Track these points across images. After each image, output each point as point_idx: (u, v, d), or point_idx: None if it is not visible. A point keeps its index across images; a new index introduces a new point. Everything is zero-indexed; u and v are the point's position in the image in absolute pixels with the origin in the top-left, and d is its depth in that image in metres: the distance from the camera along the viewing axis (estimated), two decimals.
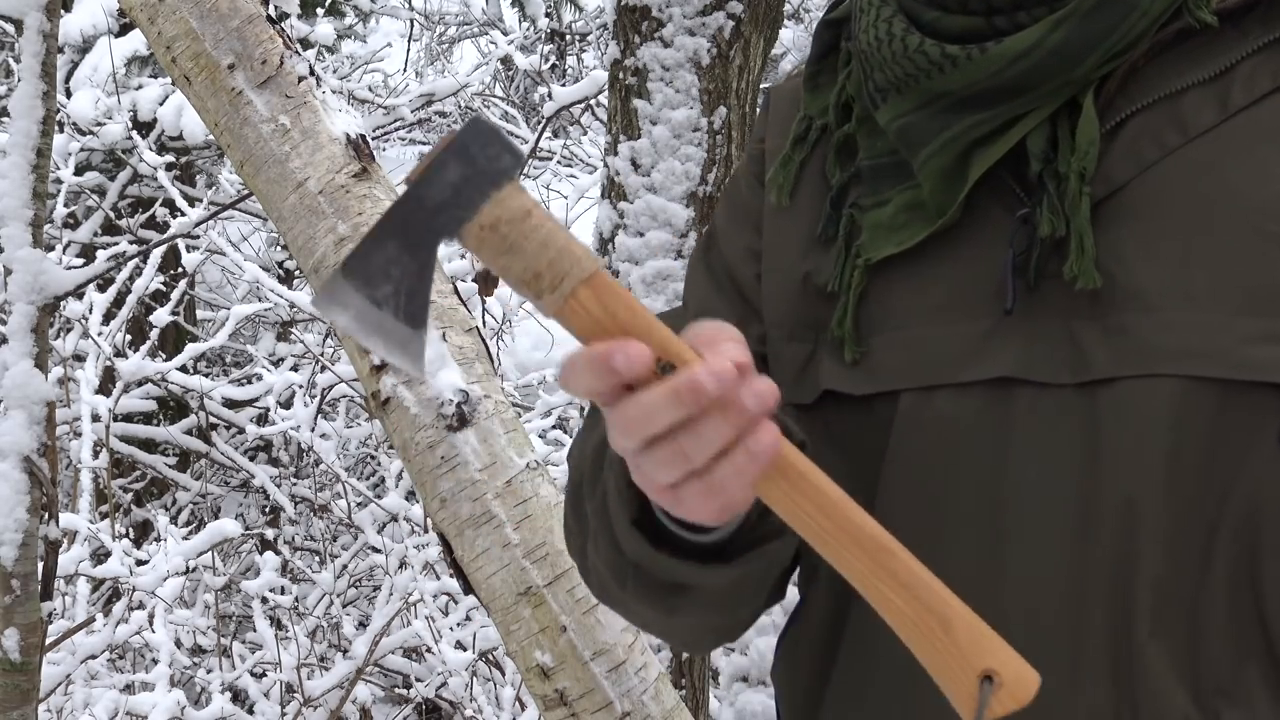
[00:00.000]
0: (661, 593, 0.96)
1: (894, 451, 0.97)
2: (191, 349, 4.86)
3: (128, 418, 5.61)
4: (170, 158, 5.51)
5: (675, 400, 0.76)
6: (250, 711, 4.12)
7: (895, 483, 0.97)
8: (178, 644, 4.23)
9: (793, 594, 1.14)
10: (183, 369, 5.16)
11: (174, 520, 5.53)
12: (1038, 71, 0.94)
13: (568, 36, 10.05)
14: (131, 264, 4.94)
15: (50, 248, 5.21)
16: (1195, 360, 0.89)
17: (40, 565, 2.53)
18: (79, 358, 4.78)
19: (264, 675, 4.28)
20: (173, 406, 5.99)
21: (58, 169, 5.20)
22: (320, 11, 6.39)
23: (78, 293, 3.55)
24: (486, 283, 2.98)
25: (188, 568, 3.95)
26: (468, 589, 1.93)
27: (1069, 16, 0.94)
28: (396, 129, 6.68)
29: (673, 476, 0.79)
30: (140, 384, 5.22)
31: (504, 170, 0.77)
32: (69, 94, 5.73)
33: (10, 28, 5.89)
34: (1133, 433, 0.90)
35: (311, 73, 2.05)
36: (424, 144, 9.90)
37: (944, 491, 0.95)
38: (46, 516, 2.54)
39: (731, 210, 1.14)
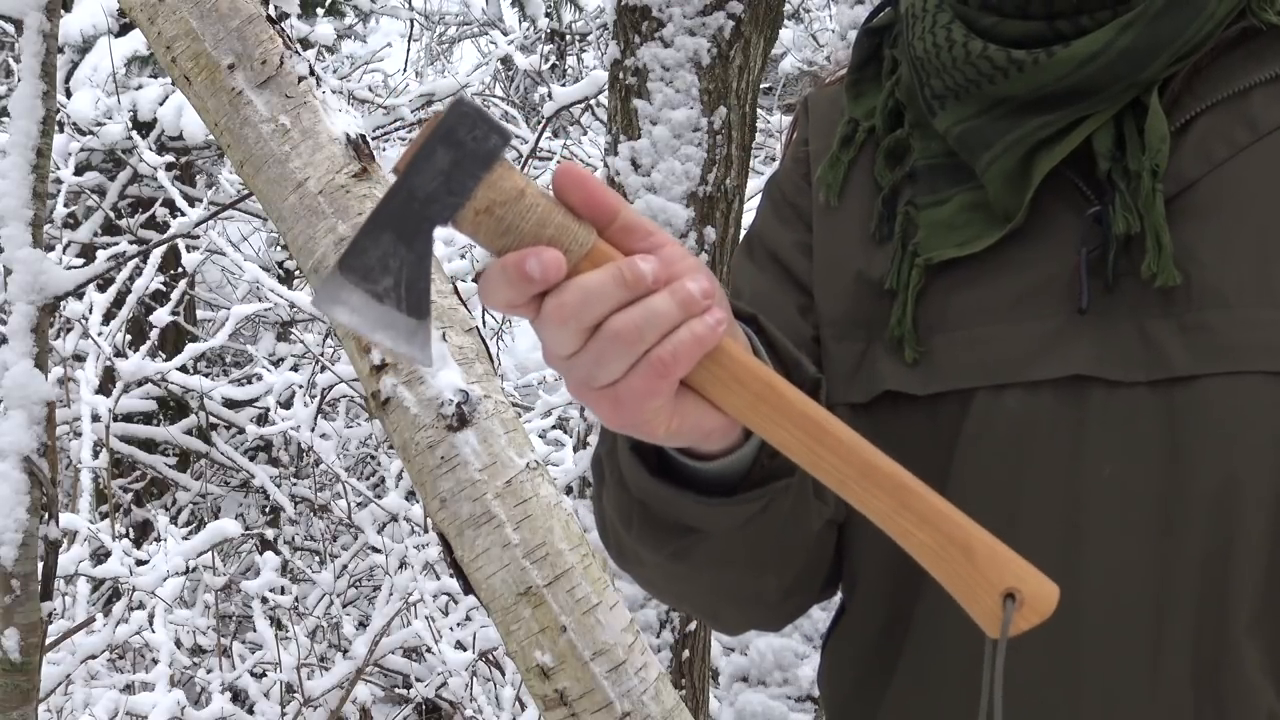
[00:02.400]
0: (666, 534, 0.94)
1: (963, 450, 0.97)
2: (191, 349, 4.86)
3: (128, 418, 5.61)
4: (170, 158, 5.52)
5: (619, 279, 0.76)
6: (250, 711, 4.12)
7: (965, 482, 0.97)
8: (178, 644, 4.23)
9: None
10: (183, 369, 5.16)
11: (174, 520, 5.53)
12: (1105, 74, 0.94)
13: (568, 36, 10.06)
14: (131, 264, 4.94)
15: (50, 248, 5.21)
16: (1278, 356, 0.90)
17: (40, 565, 2.53)
18: (79, 358, 4.78)
19: (264, 675, 4.28)
20: (173, 406, 5.99)
21: (58, 169, 5.20)
22: (320, 11, 6.39)
23: (78, 293, 3.54)
24: None
25: (188, 568, 3.96)
26: (468, 589, 1.93)
27: (1137, 20, 0.94)
28: (396, 129, 6.67)
29: (617, 365, 0.77)
30: (140, 384, 5.22)
31: (493, 151, 0.76)
32: (69, 94, 5.73)
33: (10, 28, 5.88)
34: (1217, 430, 0.91)
35: (311, 73, 2.05)
36: None
37: (1017, 490, 0.95)
38: (46, 516, 2.54)
39: (776, 210, 1.14)
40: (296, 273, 6.17)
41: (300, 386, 4.93)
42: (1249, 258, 0.92)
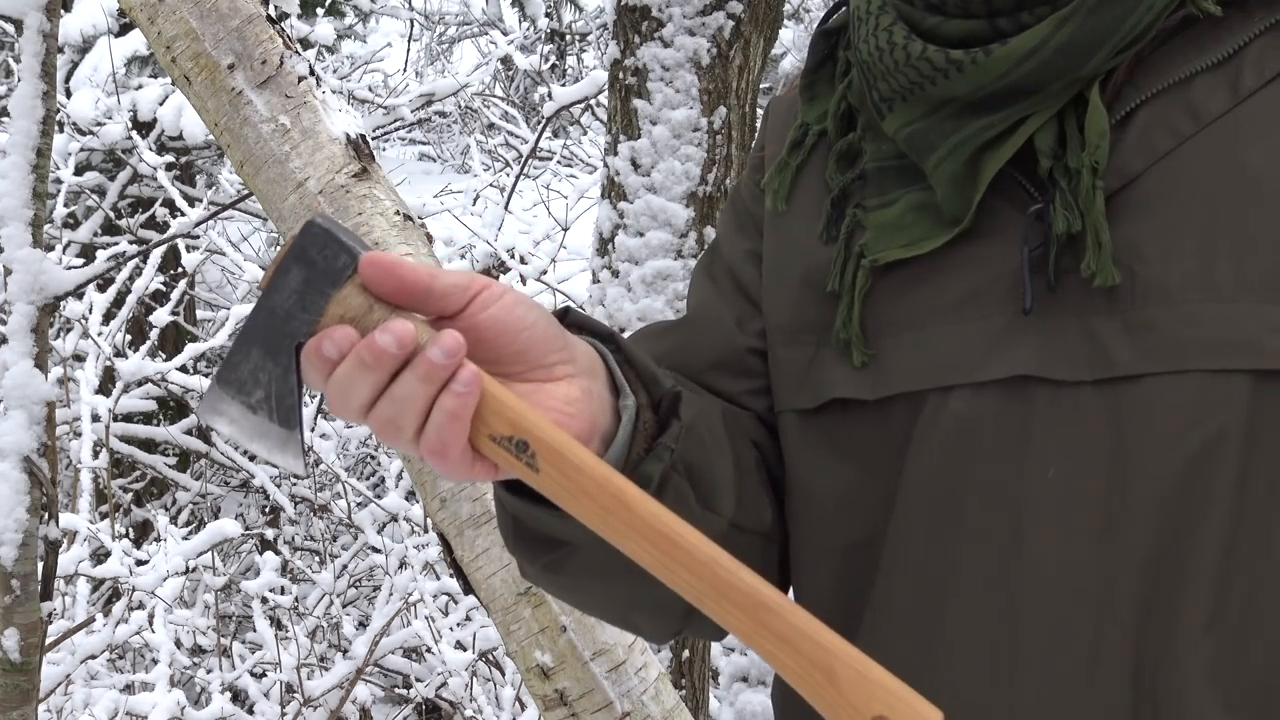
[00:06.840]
0: (537, 547, 0.96)
1: (914, 454, 0.96)
2: (191, 349, 4.86)
3: (128, 418, 5.61)
4: (170, 158, 5.52)
5: (359, 364, 0.80)
6: (250, 711, 4.12)
7: (914, 486, 0.96)
8: (178, 644, 4.24)
9: None
10: (183, 369, 5.16)
11: (174, 520, 5.53)
12: (1045, 71, 0.93)
13: (568, 36, 10.07)
14: (131, 264, 4.95)
15: (50, 248, 5.21)
16: (1224, 353, 0.88)
17: (40, 565, 2.53)
18: (79, 358, 4.78)
19: (264, 675, 4.28)
20: (173, 406, 5.99)
21: (58, 169, 5.20)
22: (320, 11, 6.39)
23: (78, 293, 3.54)
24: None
25: (188, 568, 3.96)
26: (468, 589, 1.94)
27: (1073, 14, 0.93)
28: (396, 129, 6.68)
29: (404, 447, 0.82)
30: (140, 384, 5.22)
31: (342, 269, 0.81)
32: (69, 94, 5.73)
33: (10, 28, 5.89)
34: (1162, 429, 0.88)
35: (311, 73, 2.05)
36: (424, 144, 9.91)
37: (961, 493, 0.94)
38: (46, 516, 2.54)
39: (736, 217, 1.14)
40: None
41: None
42: (1192, 251, 0.90)
